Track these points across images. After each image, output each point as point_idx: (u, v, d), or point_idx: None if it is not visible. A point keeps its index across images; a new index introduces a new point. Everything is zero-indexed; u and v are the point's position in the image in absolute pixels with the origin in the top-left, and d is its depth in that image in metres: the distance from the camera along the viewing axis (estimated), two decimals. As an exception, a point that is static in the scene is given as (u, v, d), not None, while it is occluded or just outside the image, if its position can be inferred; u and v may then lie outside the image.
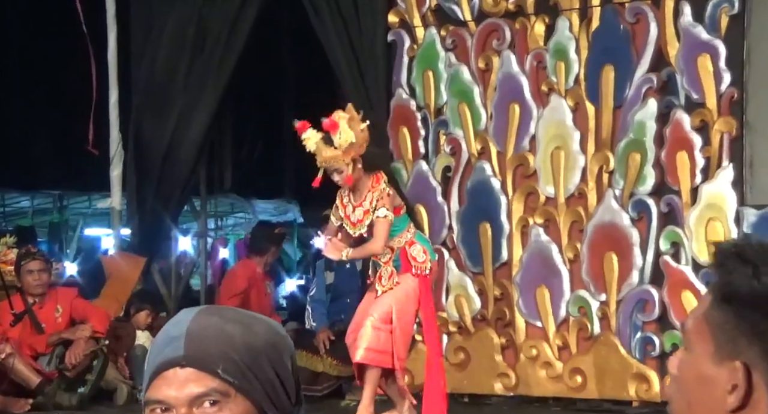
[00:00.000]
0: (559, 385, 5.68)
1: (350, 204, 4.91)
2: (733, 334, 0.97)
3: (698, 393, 0.99)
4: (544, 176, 5.80)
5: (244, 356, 1.10)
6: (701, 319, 1.00)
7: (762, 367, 0.96)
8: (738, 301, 0.97)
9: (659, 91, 5.47)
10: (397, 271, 4.82)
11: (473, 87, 6.03)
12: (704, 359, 0.99)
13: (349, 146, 4.72)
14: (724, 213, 5.30)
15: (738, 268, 0.98)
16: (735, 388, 0.97)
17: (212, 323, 1.12)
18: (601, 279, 5.58)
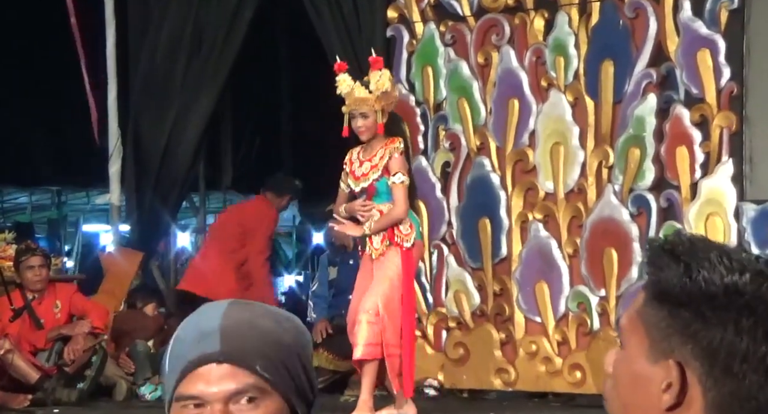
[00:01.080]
0: (559, 380, 5.68)
1: (357, 160, 4.94)
2: (667, 332, 0.96)
3: (633, 392, 0.98)
4: (544, 171, 5.79)
5: (279, 352, 1.11)
6: (635, 316, 0.99)
7: (695, 365, 0.95)
8: (670, 299, 0.96)
9: (659, 86, 5.47)
10: (386, 235, 4.85)
11: (472, 82, 6.02)
12: (639, 358, 0.98)
13: (382, 94, 4.81)
14: (724, 208, 5.30)
15: (670, 265, 0.97)
16: (669, 387, 0.96)
17: (245, 318, 1.12)
18: (600, 274, 5.58)
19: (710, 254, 0.97)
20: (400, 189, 4.83)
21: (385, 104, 4.87)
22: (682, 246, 0.98)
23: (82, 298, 6.19)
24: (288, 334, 1.13)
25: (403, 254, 4.86)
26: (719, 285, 0.95)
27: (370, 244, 4.88)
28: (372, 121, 4.84)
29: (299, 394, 1.12)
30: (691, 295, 0.95)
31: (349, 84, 4.86)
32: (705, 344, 0.95)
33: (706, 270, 0.96)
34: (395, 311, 4.86)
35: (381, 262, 4.88)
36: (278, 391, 1.11)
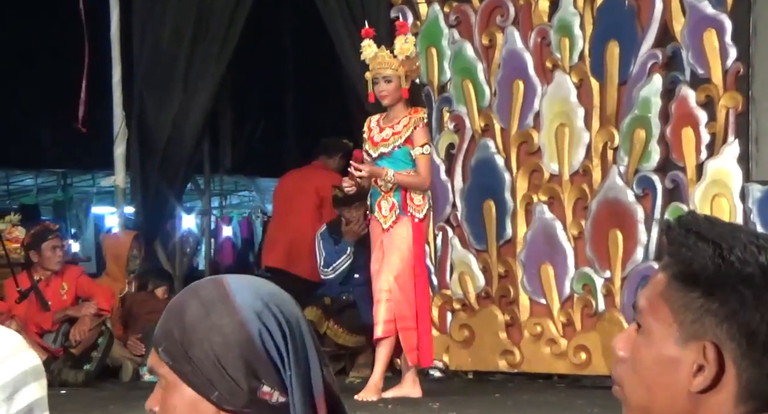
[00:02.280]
0: (564, 362, 5.69)
1: (377, 126, 4.94)
2: (699, 314, 0.95)
3: (659, 376, 0.96)
4: (549, 153, 5.78)
5: (185, 340, 1.07)
6: (658, 298, 0.98)
7: (731, 346, 0.94)
8: (702, 281, 0.95)
9: (664, 66, 5.44)
10: (398, 204, 4.85)
11: (477, 64, 5.99)
12: (665, 340, 0.96)
13: (406, 59, 4.83)
14: (730, 189, 5.28)
15: (697, 245, 0.95)
16: (701, 369, 0.95)
17: (184, 300, 1.11)
18: (605, 256, 5.57)
19: (737, 234, 0.96)
20: (426, 160, 4.86)
21: (409, 70, 4.88)
22: (705, 225, 0.97)
23: (88, 280, 6.23)
24: (207, 324, 1.07)
25: (414, 226, 4.87)
26: (755, 264, 0.94)
27: (379, 212, 4.89)
28: (395, 86, 4.84)
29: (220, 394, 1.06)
30: (726, 276, 0.94)
31: (373, 49, 4.88)
32: (743, 324, 0.94)
33: (738, 250, 0.94)
34: (406, 284, 4.87)
35: (390, 234, 4.88)
36: (186, 381, 1.07)
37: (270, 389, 1.07)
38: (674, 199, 5.41)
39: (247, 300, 1.08)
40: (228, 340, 1.07)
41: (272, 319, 1.08)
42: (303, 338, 1.09)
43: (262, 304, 1.08)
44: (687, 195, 5.36)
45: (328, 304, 5.95)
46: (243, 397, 1.06)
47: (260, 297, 1.09)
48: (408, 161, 4.92)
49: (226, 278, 1.11)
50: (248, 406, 1.06)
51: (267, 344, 1.07)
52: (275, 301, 1.09)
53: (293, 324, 1.09)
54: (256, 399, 1.06)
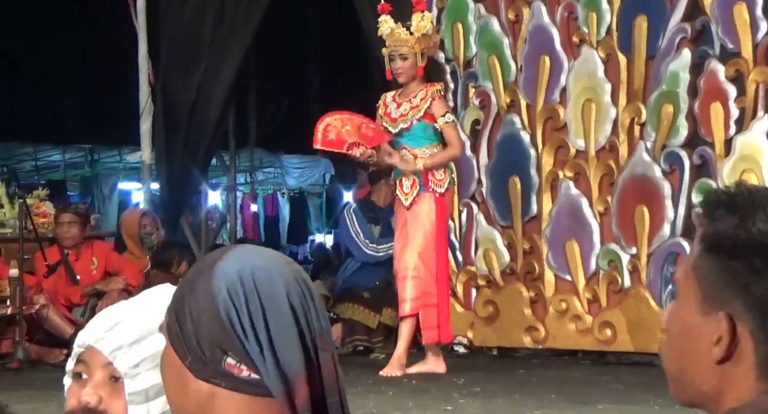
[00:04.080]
0: (589, 338, 5.67)
1: (393, 103, 4.94)
2: (719, 285, 0.95)
3: (686, 345, 0.97)
4: (575, 129, 5.73)
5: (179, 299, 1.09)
6: (689, 269, 0.98)
7: (746, 318, 0.94)
8: (724, 251, 0.95)
9: (693, 40, 5.37)
10: (418, 180, 4.85)
11: (503, 39, 5.95)
12: (691, 310, 0.97)
13: (423, 36, 4.83)
14: (759, 164, 5.22)
15: (725, 216, 0.95)
16: (720, 340, 0.95)
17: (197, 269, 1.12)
18: (631, 232, 5.54)
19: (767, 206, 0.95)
20: (452, 127, 4.86)
21: (425, 47, 4.87)
22: (741, 197, 0.96)
23: (117, 256, 6.32)
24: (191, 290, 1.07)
25: (436, 200, 4.87)
26: None
27: (401, 189, 4.89)
28: (411, 63, 4.84)
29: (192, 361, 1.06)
30: (744, 246, 0.94)
31: (390, 26, 4.87)
32: (757, 297, 0.93)
33: (762, 222, 0.94)
34: (430, 261, 4.89)
35: (414, 211, 4.88)
36: (170, 342, 1.08)
37: (236, 363, 1.05)
38: (702, 174, 5.36)
39: (225, 270, 1.07)
40: (201, 308, 1.07)
41: (241, 292, 1.06)
42: (278, 317, 1.06)
43: (236, 276, 1.06)
44: (715, 171, 5.31)
45: (368, 297, 5.96)
46: (208, 366, 1.05)
47: (239, 269, 1.07)
48: (427, 136, 4.90)
49: (237, 247, 1.11)
50: (215, 376, 1.05)
51: (231, 317, 1.05)
52: (256, 275, 1.07)
53: (268, 301, 1.06)
54: (221, 370, 1.05)
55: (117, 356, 1.33)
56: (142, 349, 1.32)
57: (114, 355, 1.33)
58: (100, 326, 1.35)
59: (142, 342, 1.33)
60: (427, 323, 4.91)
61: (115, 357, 1.33)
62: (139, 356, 1.32)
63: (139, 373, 1.32)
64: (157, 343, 1.30)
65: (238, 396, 1.05)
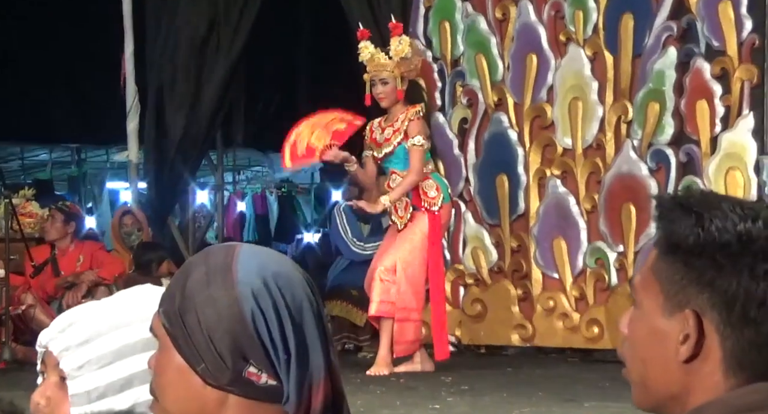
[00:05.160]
0: (576, 336, 5.69)
1: (379, 128, 4.95)
2: (682, 284, 0.96)
3: (651, 348, 0.98)
4: (562, 127, 5.75)
5: (182, 306, 1.05)
6: (648, 273, 0.99)
7: (712, 314, 0.95)
8: (685, 251, 0.96)
9: (679, 39, 5.39)
10: (410, 202, 4.86)
11: (490, 37, 5.96)
12: (654, 313, 0.98)
13: (402, 60, 4.83)
14: (744, 162, 5.25)
15: (681, 217, 0.96)
16: (686, 339, 0.96)
17: (192, 259, 1.10)
18: (618, 230, 5.56)
19: (722, 204, 0.96)
20: (418, 152, 4.83)
21: (405, 71, 4.87)
22: (694, 198, 0.97)
23: (104, 253, 6.38)
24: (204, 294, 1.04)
25: (430, 218, 4.87)
26: (732, 233, 0.95)
27: (396, 214, 4.89)
28: (392, 88, 4.85)
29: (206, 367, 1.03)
30: (704, 244, 0.95)
31: (370, 51, 4.88)
32: (721, 292, 0.95)
33: (718, 219, 0.95)
34: (415, 276, 4.87)
35: (405, 231, 4.89)
36: (177, 347, 1.05)
37: (257, 371, 1.03)
38: (688, 172, 5.38)
39: (247, 276, 1.04)
40: (220, 314, 1.04)
41: (269, 299, 1.04)
42: (302, 323, 1.05)
43: (261, 282, 1.04)
44: (701, 168, 5.33)
45: (357, 295, 5.95)
46: (227, 374, 1.03)
47: (262, 274, 1.05)
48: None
49: (240, 248, 1.08)
50: (232, 384, 1.03)
51: (258, 325, 1.03)
52: (278, 281, 1.05)
53: (293, 307, 1.05)
54: (240, 378, 1.03)
55: (63, 357, 1.32)
56: (87, 350, 1.31)
57: (61, 356, 1.32)
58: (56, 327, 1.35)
59: (89, 344, 1.31)
60: (403, 337, 4.90)
61: (62, 358, 1.32)
62: (83, 358, 1.31)
63: (82, 375, 1.31)
64: (104, 345, 1.29)
65: (247, 402, 1.04)
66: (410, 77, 4.94)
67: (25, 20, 9.99)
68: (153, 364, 1.08)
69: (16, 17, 9.99)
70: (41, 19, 10.16)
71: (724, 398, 0.95)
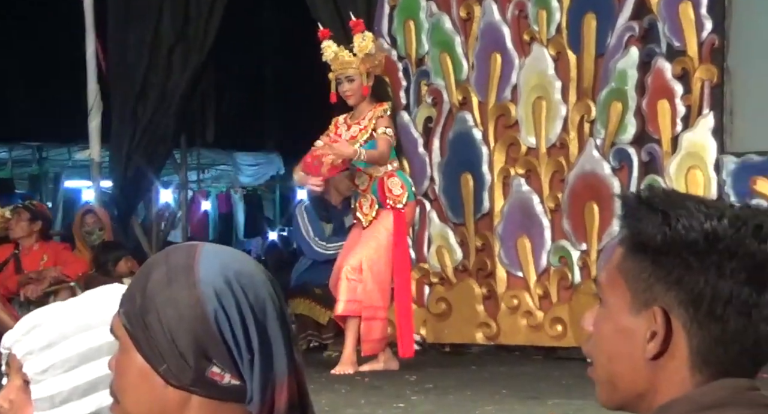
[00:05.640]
0: (540, 334, 5.72)
1: (344, 125, 4.94)
2: (649, 282, 0.97)
3: (617, 346, 0.98)
4: (526, 126, 5.78)
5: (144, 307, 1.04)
6: (615, 271, 0.99)
7: (679, 312, 0.96)
8: (651, 249, 0.97)
9: (641, 39, 5.44)
10: (376, 199, 4.86)
11: (455, 36, 5.97)
12: (621, 311, 0.98)
13: (366, 56, 4.83)
14: (704, 161, 5.31)
15: (648, 216, 0.97)
16: (654, 336, 0.96)
17: (152, 259, 1.09)
18: (582, 228, 5.60)
19: (687, 203, 0.97)
20: (385, 139, 4.83)
21: (370, 67, 4.87)
22: (659, 197, 0.98)
23: (68, 253, 6.35)
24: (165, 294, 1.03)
25: (395, 215, 4.87)
26: (699, 231, 0.95)
27: (360, 211, 4.89)
28: (358, 85, 4.85)
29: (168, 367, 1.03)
30: (672, 243, 0.96)
31: (333, 50, 4.87)
32: (689, 289, 0.95)
33: (684, 218, 0.96)
34: (381, 274, 4.87)
35: (371, 227, 4.89)
36: (138, 348, 1.04)
37: (220, 370, 1.03)
38: (650, 171, 5.44)
39: (209, 275, 1.04)
40: (182, 313, 1.03)
41: (231, 299, 1.03)
42: (266, 322, 1.04)
43: (223, 281, 1.03)
44: (662, 167, 5.39)
45: (320, 293, 5.93)
46: (189, 374, 1.02)
47: (224, 274, 1.04)
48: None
49: (201, 247, 1.07)
50: (195, 384, 1.03)
51: (222, 325, 1.02)
52: (241, 280, 1.04)
53: (256, 307, 1.04)
54: (203, 378, 1.03)
55: (27, 361, 1.30)
56: (51, 354, 1.29)
57: (25, 360, 1.30)
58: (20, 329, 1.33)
59: (53, 347, 1.30)
60: (369, 336, 4.90)
61: (26, 361, 1.30)
62: (47, 362, 1.29)
63: (46, 379, 1.29)
64: (69, 349, 1.28)
65: (209, 403, 1.03)
66: (375, 73, 4.94)
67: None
68: (113, 365, 1.07)
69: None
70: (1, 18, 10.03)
71: (691, 395, 0.95)
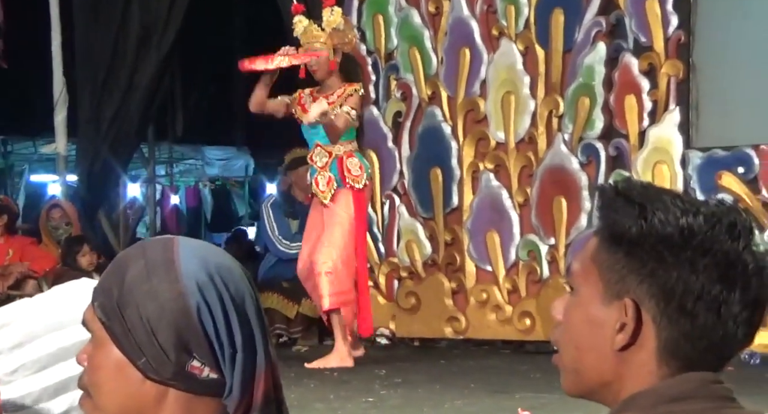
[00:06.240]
0: (509, 328, 5.75)
1: (309, 97, 4.90)
2: (622, 274, 0.97)
3: (586, 335, 0.99)
4: (495, 121, 5.80)
5: (121, 299, 1.03)
6: (588, 261, 1.00)
7: (649, 304, 0.97)
8: (627, 241, 0.97)
9: (608, 34, 5.48)
10: (335, 177, 4.83)
11: (423, 31, 5.98)
12: (592, 301, 0.99)
13: (335, 31, 4.80)
14: (671, 156, 5.36)
15: (624, 208, 0.98)
16: (623, 327, 0.97)
17: (127, 252, 1.08)
18: (550, 223, 5.63)
19: (664, 197, 0.98)
20: (345, 118, 4.77)
21: (339, 43, 4.84)
22: (636, 190, 0.99)
23: (35, 247, 6.28)
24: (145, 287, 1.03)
25: (354, 196, 4.86)
26: (675, 226, 0.96)
27: (317, 187, 4.87)
28: (325, 59, 4.81)
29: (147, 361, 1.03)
30: (647, 236, 0.96)
31: (303, 25, 4.86)
32: (661, 283, 0.96)
33: (661, 212, 0.96)
34: (350, 258, 4.88)
35: (331, 210, 4.87)
36: (116, 342, 1.03)
37: (200, 364, 1.03)
38: (617, 166, 5.48)
39: (191, 269, 1.03)
40: (163, 307, 1.02)
41: (214, 293, 1.03)
42: (247, 316, 1.05)
43: (206, 275, 1.03)
44: (630, 162, 5.43)
45: (288, 287, 5.91)
46: (170, 368, 1.02)
47: (206, 268, 1.04)
48: (346, 134, 4.89)
49: (178, 241, 1.07)
50: (174, 378, 1.03)
51: (204, 319, 1.02)
52: (222, 274, 1.04)
53: (238, 300, 1.04)
54: (183, 372, 1.03)
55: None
56: (21, 354, 1.27)
57: None
58: None
59: (23, 347, 1.27)
60: (350, 317, 4.92)
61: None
62: (17, 362, 1.27)
63: (16, 380, 1.27)
64: (39, 349, 1.26)
65: (187, 397, 1.03)
66: (344, 50, 4.91)
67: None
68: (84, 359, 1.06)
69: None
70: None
71: (657, 388, 0.96)
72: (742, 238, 0.96)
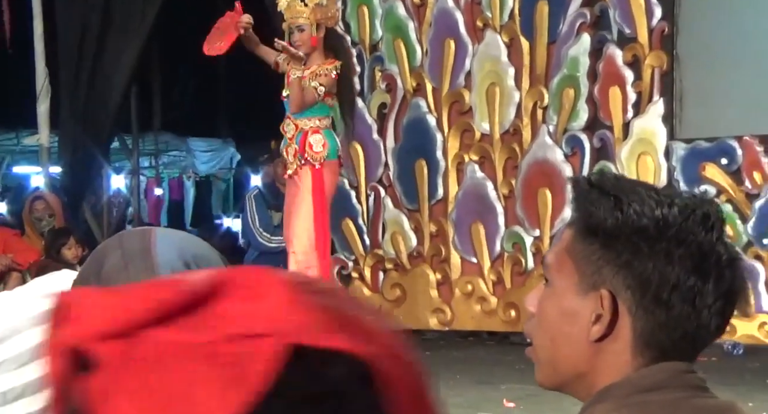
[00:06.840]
0: (494, 319, 5.77)
1: (286, 65, 4.88)
2: (598, 265, 0.97)
3: (561, 327, 0.99)
4: (480, 113, 5.80)
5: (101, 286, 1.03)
6: (563, 253, 1.00)
7: (625, 295, 0.97)
8: (603, 232, 0.98)
9: (592, 26, 5.48)
10: (298, 150, 4.80)
11: (408, 22, 5.96)
12: (567, 292, 0.99)
13: (317, 6, 4.76)
14: (655, 147, 5.38)
15: (599, 200, 0.98)
16: (599, 319, 0.98)
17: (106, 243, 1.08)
18: (535, 214, 5.64)
19: (638, 189, 0.98)
20: (311, 92, 4.73)
21: (321, 17, 4.80)
22: (610, 182, 0.99)
23: (17, 239, 6.22)
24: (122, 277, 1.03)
25: (313, 173, 4.81)
26: (650, 217, 0.96)
27: (287, 157, 4.85)
28: (307, 35, 4.78)
29: None
30: (622, 227, 0.96)
31: (287, 1, 4.82)
32: (637, 274, 0.96)
33: (636, 203, 0.97)
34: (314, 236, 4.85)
35: (295, 183, 4.83)
36: None
37: None
38: (602, 157, 5.49)
39: (167, 258, 1.03)
40: None
41: None
42: None
43: (182, 264, 1.03)
44: (614, 153, 5.44)
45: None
46: None
47: (182, 257, 1.04)
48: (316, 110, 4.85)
49: (155, 231, 1.07)
50: None
51: None
52: (199, 263, 1.04)
53: None
54: None
55: None
56: (3, 350, 1.26)
57: None
58: None
59: (5, 342, 1.26)
60: None
61: None
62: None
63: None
64: (21, 344, 1.25)
65: None
66: (327, 25, 4.88)
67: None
68: None
69: None
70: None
71: (631, 378, 0.97)
72: (715, 230, 0.97)
